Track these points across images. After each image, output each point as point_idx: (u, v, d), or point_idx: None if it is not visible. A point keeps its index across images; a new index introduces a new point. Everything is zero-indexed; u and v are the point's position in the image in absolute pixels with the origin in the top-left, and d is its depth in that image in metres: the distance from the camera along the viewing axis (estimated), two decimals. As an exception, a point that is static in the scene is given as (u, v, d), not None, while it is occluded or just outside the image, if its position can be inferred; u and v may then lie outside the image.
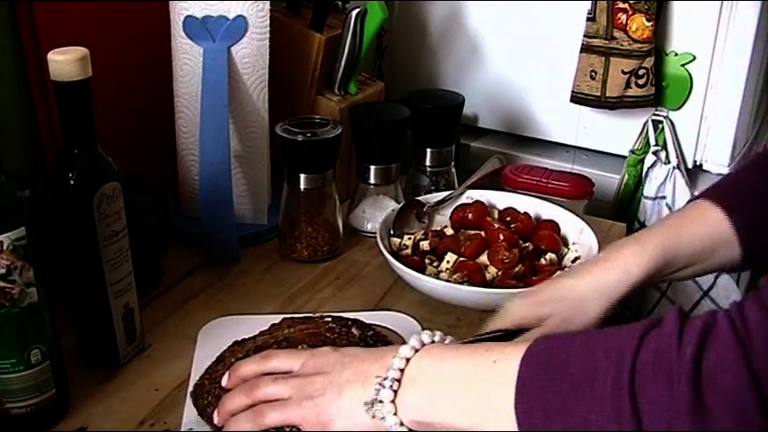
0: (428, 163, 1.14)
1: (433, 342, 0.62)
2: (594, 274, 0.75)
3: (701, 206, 0.76)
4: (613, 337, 0.51)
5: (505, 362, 0.54)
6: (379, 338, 0.73)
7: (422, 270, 0.92)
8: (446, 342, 0.63)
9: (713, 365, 0.46)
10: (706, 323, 0.48)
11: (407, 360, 0.59)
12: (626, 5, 1.16)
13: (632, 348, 0.49)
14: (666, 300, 1.26)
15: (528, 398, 0.52)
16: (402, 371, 0.59)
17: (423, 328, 0.85)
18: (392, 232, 1.01)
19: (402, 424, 0.58)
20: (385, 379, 0.59)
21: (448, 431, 0.58)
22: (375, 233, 0.97)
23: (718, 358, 0.46)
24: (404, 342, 0.70)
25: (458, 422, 0.57)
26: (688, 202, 0.80)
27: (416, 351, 0.60)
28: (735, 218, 0.73)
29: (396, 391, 0.58)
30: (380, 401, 0.58)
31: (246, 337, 0.75)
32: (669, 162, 1.22)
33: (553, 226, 1.01)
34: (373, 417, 0.58)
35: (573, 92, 1.24)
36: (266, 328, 0.76)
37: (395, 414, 0.58)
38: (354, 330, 0.72)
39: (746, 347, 0.46)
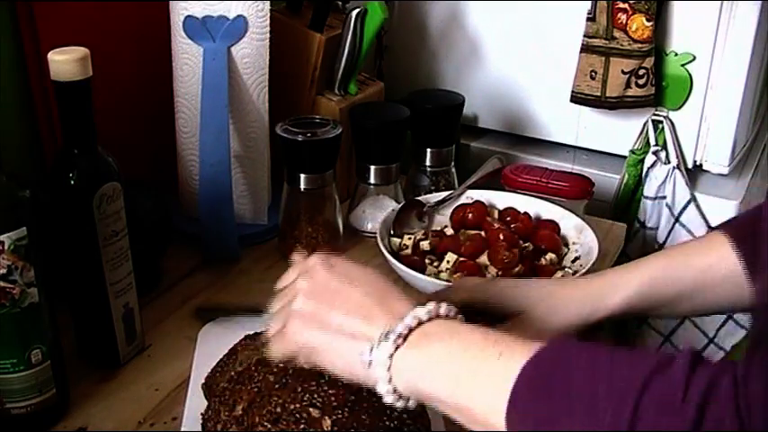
0: (428, 163, 1.14)
1: (447, 317, 0.59)
2: (580, 286, 0.74)
3: (711, 238, 0.73)
4: (620, 369, 0.49)
5: (510, 359, 0.53)
6: None
7: (422, 270, 0.92)
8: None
9: (711, 428, 0.45)
10: (711, 381, 0.46)
11: (420, 323, 0.58)
12: (626, 5, 1.16)
13: (637, 389, 0.47)
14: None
15: (521, 404, 0.51)
16: (411, 330, 0.57)
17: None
18: (392, 232, 1.01)
19: (390, 381, 0.57)
20: (390, 332, 0.57)
21: (429, 403, 0.57)
22: (375, 233, 0.98)
23: (716, 424, 0.45)
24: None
25: (443, 397, 0.56)
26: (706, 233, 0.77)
27: (430, 318, 0.58)
28: (746, 253, 0.68)
29: (397, 347, 0.57)
30: (379, 350, 0.57)
31: (259, 330, 0.75)
32: (669, 162, 1.22)
33: (553, 226, 1.01)
34: (369, 364, 0.57)
35: (573, 92, 1.24)
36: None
37: (388, 369, 0.57)
38: None
39: (744, 420, 0.45)
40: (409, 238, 0.99)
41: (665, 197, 1.22)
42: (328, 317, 0.61)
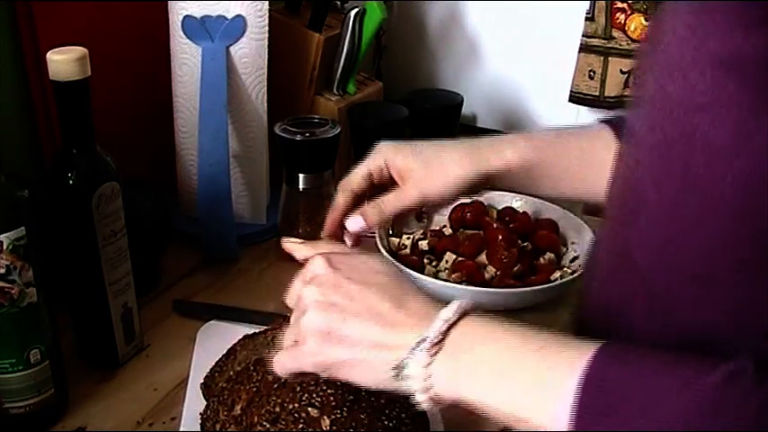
0: (427, 163, 1.14)
1: (475, 311, 0.55)
2: (465, 148, 0.77)
3: (599, 129, 0.74)
4: (684, 393, 0.45)
5: (559, 374, 0.49)
6: None
7: (421, 270, 0.92)
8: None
9: None
10: None
11: (451, 325, 0.54)
12: (624, 5, 1.16)
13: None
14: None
15: (587, 417, 0.46)
16: (444, 334, 0.53)
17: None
18: (391, 232, 1.01)
19: (428, 390, 0.53)
20: (422, 341, 0.53)
21: (472, 408, 0.53)
22: (374, 233, 0.97)
23: None
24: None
25: (491, 404, 0.52)
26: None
27: (460, 317, 0.54)
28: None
29: (433, 355, 0.53)
30: (414, 361, 0.53)
31: (257, 331, 0.76)
32: (668, 162, 1.22)
33: (552, 225, 1.01)
34: (402, 375, 0.54)
35: (571, 91, 1.24)
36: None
37: (425, 380, 0.53)
38: None
39: None
40: (408, 238, 0.99)
41: (663, 197, 1.22)
42: (345, 329, 0.56)
